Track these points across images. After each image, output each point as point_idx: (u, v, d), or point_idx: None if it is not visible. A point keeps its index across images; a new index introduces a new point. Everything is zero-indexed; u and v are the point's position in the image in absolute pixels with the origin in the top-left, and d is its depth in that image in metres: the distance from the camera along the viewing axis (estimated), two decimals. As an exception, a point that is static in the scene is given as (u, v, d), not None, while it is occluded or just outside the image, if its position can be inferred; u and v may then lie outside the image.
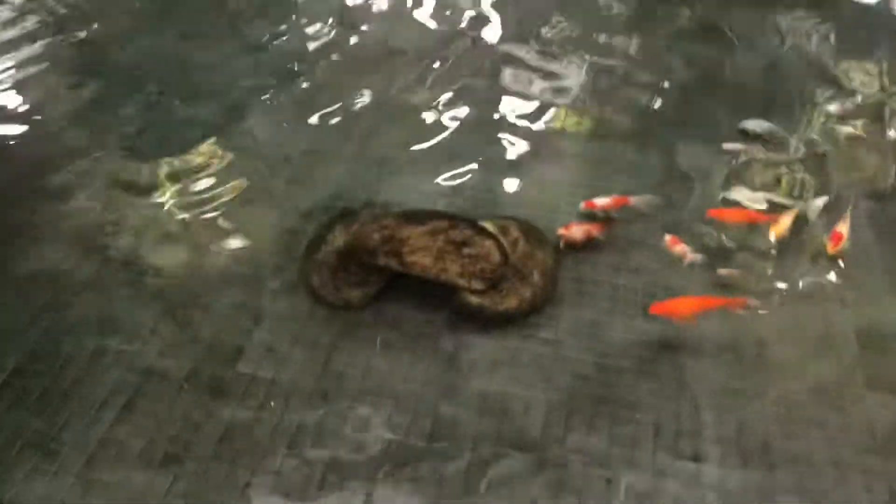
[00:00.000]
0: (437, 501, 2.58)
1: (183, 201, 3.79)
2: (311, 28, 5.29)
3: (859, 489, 2.65)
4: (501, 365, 3.04)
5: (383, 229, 3.28)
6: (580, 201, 3.70)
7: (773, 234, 3.48)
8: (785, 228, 3.50)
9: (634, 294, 3.35)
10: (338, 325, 3.16)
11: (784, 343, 3.15)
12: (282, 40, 5.17)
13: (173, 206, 3.76)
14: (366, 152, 4.13)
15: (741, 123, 4.29)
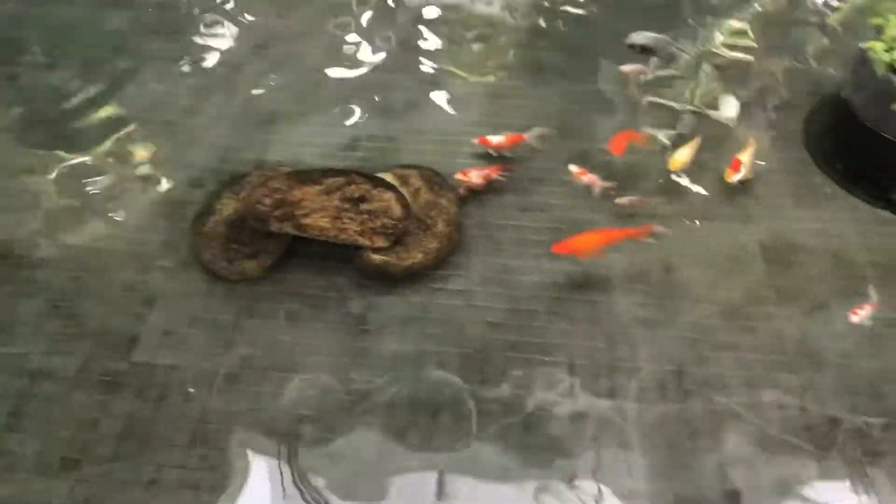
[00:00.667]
0: (355, 474, 2.49)
1: (62, 182, 3.50)
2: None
3: (772, 407, 2.68)
4: (413, 322, 2.94)
5: (274, 193, 3.11)
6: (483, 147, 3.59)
7: (672, 165, 3.43)
8: (683, 161, 3.44)
9: (542, 234, 3.27)
10: (237, 301, 3.00)
11: (692, 267, 3.15)
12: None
13: (52, 187, 3.47)
14: (252, 108, 3.90)
15: (627, 39, 4.16)
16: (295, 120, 3.82)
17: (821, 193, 3.46)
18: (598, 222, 3.28)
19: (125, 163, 3.60)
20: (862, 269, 3.12)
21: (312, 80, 4.08)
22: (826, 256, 3.17)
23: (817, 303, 3.00)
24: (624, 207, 3.31)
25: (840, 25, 3.67)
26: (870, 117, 3.35)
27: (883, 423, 2.63)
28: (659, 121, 3.82)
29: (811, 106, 3.90)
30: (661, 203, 3.37)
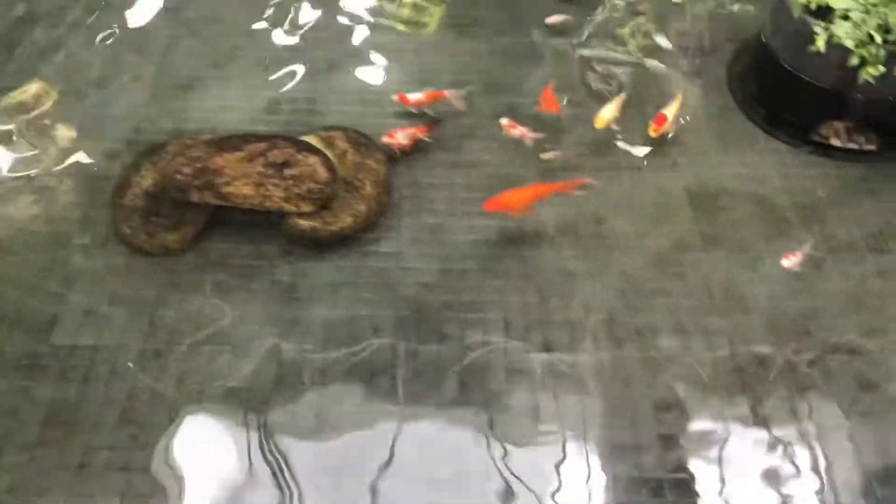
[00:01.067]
0: (291, 443, 2.45)
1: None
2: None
3: (703, 351, 2.72)
4: (344, 288, 2.90)
5: (194, 161, 3.00)
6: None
7: (597, 123, 3.41)
8: (608, 118, 3.41)
9: (473, 191, 3.24)
10: (160, 275, 2.91)
11: (621, 217, 3.16)
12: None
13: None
14: (168, 73, 3.74)
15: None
16: (213, 85, 3.68)
17: (744, 138, 3.50)
18: (530, 177, 3.26)
19: (37, 137, 3.42)
20: (785, 211, 3.18)
21: (230, 43, 3.92)
22: (750, 200, 3.21)
23: (743, 246, 3.05)
24: (550, 162, 3.29)
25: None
26: (789, 60, 3.39)
27: (809, 358, 2.70)
28: (588, 72, 3.79)
29: (733, 50, 3.93)
30: (586, 155, 3.36)
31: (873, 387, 2.62)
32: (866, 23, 3.06)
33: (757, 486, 2.39)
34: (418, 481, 2.38)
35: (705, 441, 2.50)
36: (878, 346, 2.73)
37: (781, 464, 2.44)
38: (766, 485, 2.39)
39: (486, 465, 2.41)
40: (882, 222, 3.13)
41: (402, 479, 2.37)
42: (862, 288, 2.91)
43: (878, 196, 3.24)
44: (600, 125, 3.39)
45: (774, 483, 2.39)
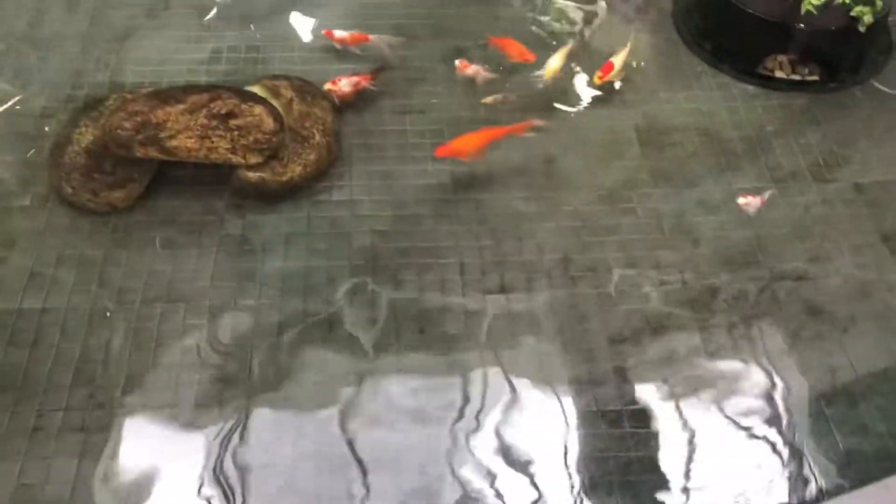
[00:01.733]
0: (251, 397, 2.44)
1: None
2: None
3: (654, 283, 2.77)
4: (297, 238, 2.87)
5: (135, 116, 2.90)
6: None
7: (546, 74, 3.35)
8: (555, 68, 3.36)
9: (424, 136, 3.22)
10: (107, 234, 2.84)
11: (572, 156, 3.17)
12: None
13: None
14: (102, 25, 3.59)
15: None
16: (150, 35, 3.55)
17: (691, 73, 3.52)
18: (480, 120, 3.23)
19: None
20: (732, 144, 3.22)
21: (163, -10, 3.79)
22: (698, 135, 3.25)
23: (691, 180, 3.09)
24: (489, 106, 3.28)
25: None
26: (733, -7, 3.40)
27: (758, 287, 2.77)
28: (535, 12, 3.76)
29: (678, -14, 3.92)
30: (533, 97, 3.34)
31: (819, 311, 2.70)
32: (807, -47, 3.07)
33: (711, 412, 2.45)
34: (381, 425, 2.39)
35: (660, 372, 2.55)
36: (824, 272, 2.80)
37: (734, 390, 2.51)
38: (719, 411, 2.46)
39: (445, 407, 2.44)
40: (825, 151, 3.19)
41: (364, 424, 2.38)
42: (807, 216, 2.98)
43: (821, 126, 3.29)
44: (549, 75, 3.35)
45: (728, 409, 2.47)
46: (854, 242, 2.89)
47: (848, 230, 2.93)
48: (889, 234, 2.92)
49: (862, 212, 2.99)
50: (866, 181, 3.09)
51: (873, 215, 2.97)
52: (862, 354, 2.58)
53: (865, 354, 2.58)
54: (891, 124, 3.31)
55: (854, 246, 2.88)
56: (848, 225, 2.94)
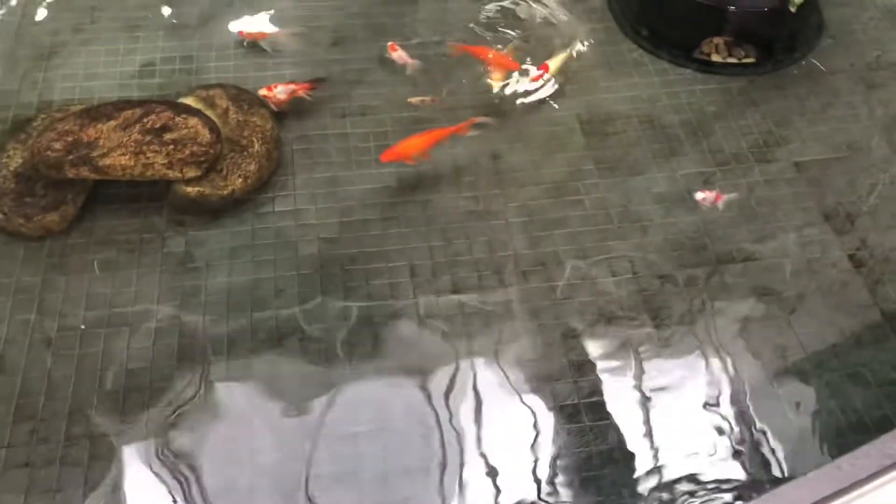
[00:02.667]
0: (199, 419, 2.38)
1: None
2: None
3: (605, 274, 2.77)
4: (242, 251, 2.80)
5: (65, 136, 2.81)
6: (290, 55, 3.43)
7: (494, 79, 3.33)
8: (500, 77, 3.34)
9: (367, 139, 3.17)
10: (43, 259, 2.74)
11: (516, 151, 3.15)
12: None
13: None
14: (26, 43, 3.46)
15: None
16: (78, 51, 3.43)
17: (630, 61, 3.53)
18: (423, 119, 3.21)
19: None
20: (674, 130, 3.23)
21: (89, 4, 3.65)
22: (640, 122, 3.25)
23: (636, 168, 3.10)
24: (415, 105, 3.26)
25: None
26: (667, -21, 3.42)
27: (707, 271, 2.79)
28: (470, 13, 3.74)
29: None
30: (470, 94, 3.31)
31: (768, 292, 2.73)
32: (736, -65, 3.09)
33: (667, 400, 2.47)
34: (340, 437, 2.35)
35: (615, 363, 2.55)
36: (770, 252, 2.84)
37: (688, 377, 2.52)
38: (676, 398, 2.47)
39: (405, 413, 2.41)
40: (765, 132, 3.23)
41: (323, 437, 2.34)
42: (751, 197, 3.00)
43: (759, 107, 3.33)
44: (496, 80, 3.31)
45: (683, 395, 2.48)
46: (797, 222, 2.92)
47: (791, 210, 2.96)
48: (830, 211, 2.96)
49: (803, 190, 3.03)
50: (805, 160, 3.13)
51: (814, 194, 3.02)
52: (811, 332, 2.62)
53: (815, 332, 2.62)
54: (826, 102, 3.36)
55: (797, 225, 2.91)
56: (791, 204, 2.98)
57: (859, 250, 2.85)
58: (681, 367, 2.54)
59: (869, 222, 2.93)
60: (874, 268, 2.80)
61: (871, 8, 3.81)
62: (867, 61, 3.54)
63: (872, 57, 3.57)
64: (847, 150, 3.17)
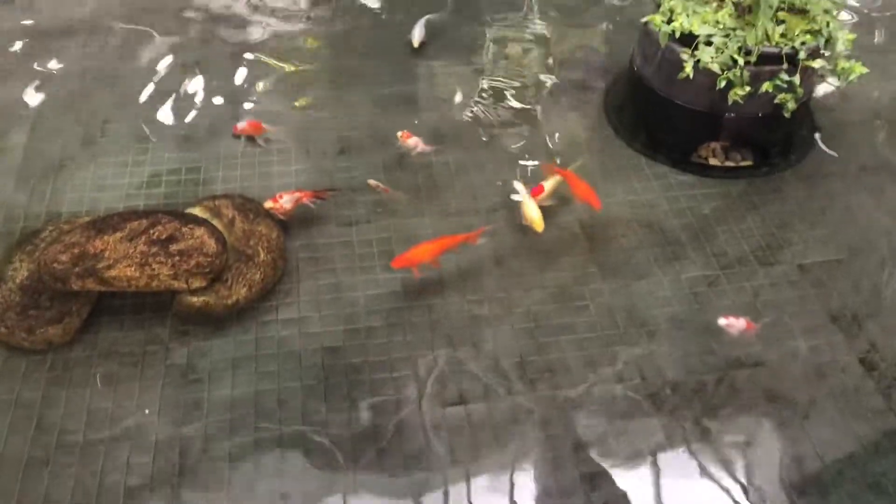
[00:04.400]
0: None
1: None
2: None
3: (614, 382, 2.73)
4: (245, 362, 2.77)
5: (72, 247, 2.83)
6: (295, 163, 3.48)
7: (536, 226, 3.12)
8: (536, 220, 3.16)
9: (371, 246, 3.19)
10: (44, 372, 2.71)
11: (520, 256, 3.17)
12: None
13: None
14: (37, 156, 3.53)
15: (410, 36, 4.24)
16: (86, 164, 3.50)
17: (629, 166, 3.59)
18: (426, 226, 3.25)
19: None
20: (676, 233, 3.26)
21: (100, 118, 3.75)
22: (641, 226, 3.28)
23: (640, 272, 3.10)
24: (373, 189, 3.38)
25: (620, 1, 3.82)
26: (661, 87, 3.51)
27: (716, 377, 2.75)
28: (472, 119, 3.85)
29: (608, 81, 4.04)
30: (457, 201, 3.38)
31: (779, 397, 2.69)
32: (728, 47, 3.19)
33: (683, 512, 2.39)
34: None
35: (628, 475, 2.49)
36: (778, 356, 2.81)
37: (705, 489, 2.45)
38: (691, 509, 2.40)
39: (412, 530, 2.33)
40: (767, 235, 3.25)
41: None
42: (757, 300, 3.00)
43: (759, 210, 3.36)
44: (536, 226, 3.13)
45: None
46: (804, 324, 2.91)
47: (797, 312, 2.95)
48: (836, 313, 2.95)
49: (808, 293, 3.02)
50: (808, 262, 3.14)
51: (819, 296, 3.01)
52: (827, 440, 2.56)
53: (830, 440, 2.56)
54: (824, 204, 3.40)
55: (805, 328, 2.90)
56: (797, 307, 2.97)
57: (869, 353, 2.83)
58: (695, 478, 2.48)
59: (876, 325, 2.92)
60: (886, 372, 2.77)
61: (860, 112, 3.91)
62: (861, 164, 3.61)
63: (866, 160, 3.63)
64: (849, 252, 3.19)
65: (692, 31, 3.26)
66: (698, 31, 3.25)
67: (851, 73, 3.23)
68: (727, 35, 3.23)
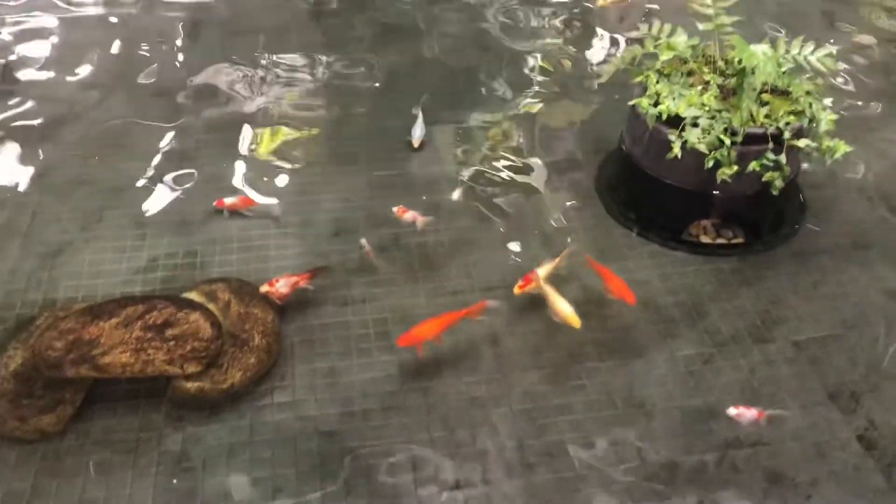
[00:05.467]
0: None
1: None
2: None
3: (613, 462, 2.70)
4: (240, 449, 2.74)
5: (67, 334, 2.83)
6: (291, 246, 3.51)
7: (558, 314, 3.09)
8: (561, 310, 3.10)
9: (367, 327, 3.20)
10: (35, 463, 2.67)
11: (516, 336, 3.18)
12: None
13: None
14: (34, 242, 3.56)
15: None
16: (84, 248, 3.52)
17: (621, 244, 3.63)
18: (421, 305, 3.26)
19: None
20: (670, 311, 3.27)
21: (97, 204, 3.79)
22: (636, 305, 3.29)
23: (636, 351, 3.11)
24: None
25: (608, 83, 3.92)
26: (651, 166, 3.58)
27: (716, 457, 2.73)
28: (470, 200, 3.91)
29: (598, 162, 4.12)
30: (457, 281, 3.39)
31: (780, 477, 2.66)
32: (714, 128, 3.27)
33: None
34: None
35: (629, 559, 2.44)
36: (778, 435, 2.79)
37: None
38: None
39: None
40: (761, 311, 3.27)
41: None
42: (753, 378, 3.00)
43: (753, 287, 3.39)
44: (560, 314, 3.09)
45: None
46: (802, 402, 2.90)
47: (795, 390, 2.95)
48: (833, 391, 2.95)
49: (805, 370, 3.02)
50: (803, 338, 3.16)
51: (816, 372, 3.01)
52: (830, 522, 2.53)
53: (834, 521, 2.53)
54: (816, 280, 3.43)
55: (803, 406, 2.89)
56: (794, 384, 2.97)
57: (868, 431, 2.81)
58: (698, 563, 2.43)
59: (874, 401, 2.91)
60: (886, 450, 2.75)
61: (848, 188, 3.99)
62: (852, 240, 3.65)
63: (856, 235, 3.68)
64: (843, 327, 3.20)
65: (678, 113, 3.34)
66: (684, 113, 3.34)
67: (836, 152, 3.31)
68: (713, 117, 3.31)
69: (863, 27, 5.63)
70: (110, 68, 4.91)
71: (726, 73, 3.50)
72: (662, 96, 3.43)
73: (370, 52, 5.15)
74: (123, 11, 5.55)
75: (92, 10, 5.57)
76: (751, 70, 3.21)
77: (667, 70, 3.57)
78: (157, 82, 4.78)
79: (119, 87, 4.72)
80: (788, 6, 5.95)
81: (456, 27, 5.53)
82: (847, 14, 5.81)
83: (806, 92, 3.40)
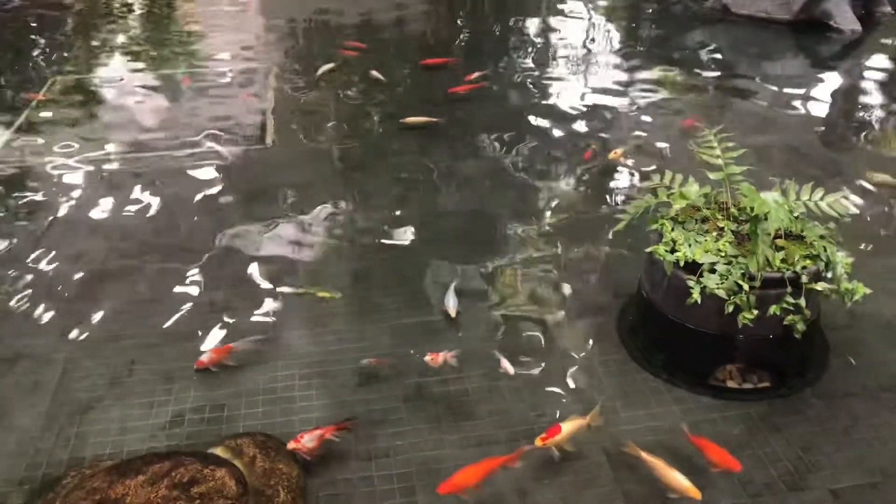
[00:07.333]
0: None
1: None
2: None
3: None
4: None
5: (93, 494, 2.82)
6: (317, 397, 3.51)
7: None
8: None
9: (391, 481, 3.16)
10: None
11: (544, 487, 3.12)
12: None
13: None
14: (64, 399, 3.60)
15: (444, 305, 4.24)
16: (112, 405, 3.55)
17: (646, 390, 3.61)
18: (447, 457, 3.23)
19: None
20: (699, 460, 3.20)
21: (127, 358, 3.86)
22: (666, 451, 3.23)
23: (669, 500, 3.02)
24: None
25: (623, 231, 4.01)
26: (672, 311, 3.61)
27: None
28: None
29: (619, 306, 4.16)
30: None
31: None
32: (732, 273, 3.33)
33: None
34: None
35: None
36: None
37: None
38: None
39: None
40: (794, 458, 3.20)
41: None
42: (792, 529, 2.89)
43: (783, 432, 3.33)
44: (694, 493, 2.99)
45: None
46: (847, 556, 2.79)
47: (837, 543, 2.84)
48: (879, 544, 2.84)
49: (845, 521, 2.92)
50: (841, 486, 3.07)
51: (857, 524, 2.91)
52: None
53: None
54: (847, 425, 3.37)
55: (848, 560, 2.77)
56: (836, 537, 2.86)
57: (919, 588, 2.68)
58: None
59: (921, 555, 2.79)
60: None
61: (871, 330, 3.97)
62: (879, 382, 3.61)
63: (883, 379, 3.64)
64: (881, 475, 3.11)
65: (695, 259, 3.41)
66: (701, 259, 3.40)
67: (855, 294, 3.33)
68: (730, 262, 3.38)
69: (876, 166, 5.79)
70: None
71: (739, 220, 3.60)
72: (678, 243, 3.51)
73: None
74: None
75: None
76: (763, 216, 3.30)
77: (681, 217, 3.67)
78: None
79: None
80: (795, 152, 6.16)
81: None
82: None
83: (819, 236, 3.47)
